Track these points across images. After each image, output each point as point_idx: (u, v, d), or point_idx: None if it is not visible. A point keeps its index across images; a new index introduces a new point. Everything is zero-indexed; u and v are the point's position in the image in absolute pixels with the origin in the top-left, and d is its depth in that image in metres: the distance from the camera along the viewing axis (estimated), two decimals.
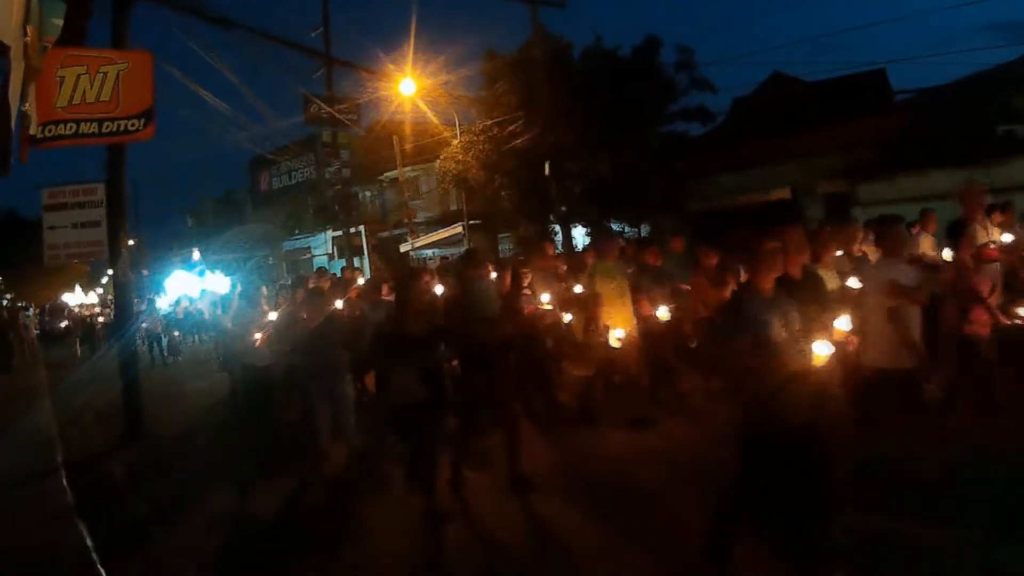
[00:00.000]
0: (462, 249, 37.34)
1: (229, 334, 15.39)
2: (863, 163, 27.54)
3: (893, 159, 26.33)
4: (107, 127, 12.31)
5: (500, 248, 39.81)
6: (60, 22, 7.18)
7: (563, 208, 32.61)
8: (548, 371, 13.53)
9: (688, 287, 13.33)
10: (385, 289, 15.52)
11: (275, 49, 25.51)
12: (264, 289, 16.42)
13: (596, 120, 30.53)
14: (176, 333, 32.97)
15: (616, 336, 11.58)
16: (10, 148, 7.43)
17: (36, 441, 15.80)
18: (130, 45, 14.64)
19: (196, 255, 51.72)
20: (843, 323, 7.69)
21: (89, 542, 9.06)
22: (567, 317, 12.82)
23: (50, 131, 11.68)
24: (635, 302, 12.27)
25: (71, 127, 11.97)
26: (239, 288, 23.86)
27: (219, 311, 32.59)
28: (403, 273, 15.86)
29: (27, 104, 8.46)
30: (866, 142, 28.27)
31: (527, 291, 13.33)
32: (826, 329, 7.16)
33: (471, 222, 38.70)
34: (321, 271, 20.44)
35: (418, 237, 42.89)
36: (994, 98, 29.06)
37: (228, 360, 16.50)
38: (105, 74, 12.13)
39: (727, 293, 12.59)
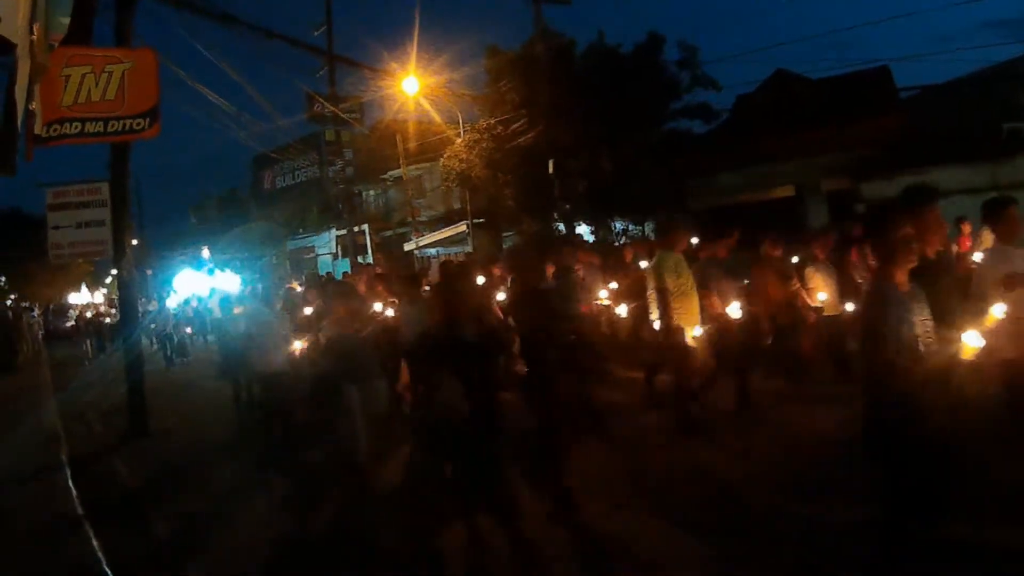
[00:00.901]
0: (466, 248, 37.44)
1: (237, 338, 14.10)
2: (866, 161, 27.49)
3: (897, 157, 26.27)
4: (113, 126, 12.33)
5: (505, 247, 39.77)
6: (67, 20, 7.14)
7: (567, 206, 32.63)
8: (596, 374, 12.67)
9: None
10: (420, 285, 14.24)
11: (278, 47, 25.49)
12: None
13: (599, 118, 30.55)
14: (188, 330, 32.04)
15: (693, 335, 10.71)
16: (16, 147, 7.42)
17: (40, 439, 15.82)
18: (134, 43, 14.65)
19: (206, 253, 51.75)
20: (998, 311, 6.63)
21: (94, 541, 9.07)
22: (622, 314, 12.40)
23: (55, 130, 11.71)
24: (702, 299, 11.17)
25: (76, 126, 11.99)
26: (248, 288, 23.76)
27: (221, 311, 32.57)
28: (457, 265, 14.24)
29: (33, 103, 8.43)
30: (870, 140, 28.24)
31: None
32: (976, 318, 6.37)
33: (475, 220, 38.67)
34: (357, 267, 19.40)
35: (422, 236, 42.86)
36: (998, 95, 29.02)
37: (230, 366, 15.74)
38: (110, 73, 12.14)
39: (794, 287, 12.68)
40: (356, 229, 39.90)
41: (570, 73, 31.77)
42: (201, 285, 36.86)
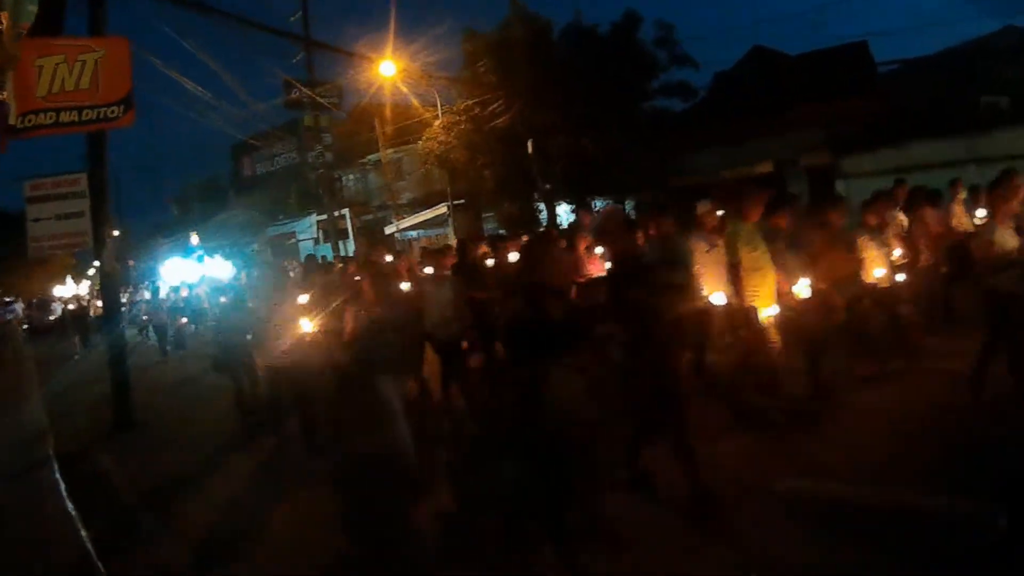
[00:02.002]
0: (447, 230, 37.47)
1: (233, 328, 13.35)
2: (846, 136, 27.60)
3: (876, 132, 26.39)
4: (87, 115, 12.28)
5: (485, 228, 39.80)
6: (35, 8, 7.10)
7: (547, 186, 32.65)
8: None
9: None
10: (447, 261, 13.12)
11: (255, 34, 25.37)
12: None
13: (578, 98, 30.57)
14: (183, 320, 30.10)
15: (768, 315, 9.72)
16: None
17: (23, 435, 15.71)
18: (107, 32, 14.58)
19: (195, 239, 51.48)
20: None
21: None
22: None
23: (30, 121, 11.65)
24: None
25: (51, 116, 11.93)
26: (244, 275, 23.54)
27: (212, 300, 31.91)
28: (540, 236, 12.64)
29: (4, 94, 8.38)
30: (848, 115, 28.36)
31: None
32: None
33: (455, 202, 38.68)
34: (375, 246, 17.73)
35: (403, 219, 42.85)
36: (975, 69, 29.15)
37: (227, 358, 14.04)
38: (83, 62, 12.09)
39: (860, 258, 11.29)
40: (337, 214, 39.84)
41: (547, 54, 31.81)
42: (190, 273, 36.53)
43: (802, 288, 10.04)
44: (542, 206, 34.76)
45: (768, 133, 29.46)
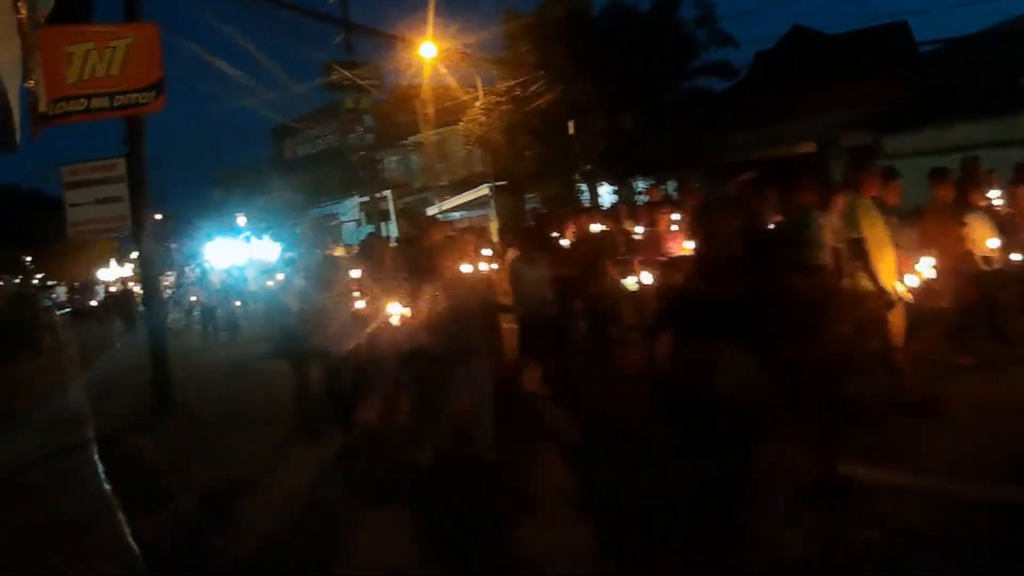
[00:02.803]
0: (488, 211, 37.39)
1: (290, 311, 11.95)
2: (888, 116, 27.26)
3: (917, 111, 26.06)
4: (118, 100, 12.30)
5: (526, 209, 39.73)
6: None
7: (587, 166, 32.53)
8: None
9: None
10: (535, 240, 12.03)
11: (294, 17, 25.37)
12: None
13: (618, 78, 30.39)
14: (237, 303, 29.20)
15: (899, 291, 8.93)
16: (13, 125, 7.40)
17: (64, 418, 15.82)
18: (144, 17, 14.62)
19: (242, 220, 51.64)
20: None
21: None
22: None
23: (61, 107, 11.69)
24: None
25: (83, 102, 11.96)
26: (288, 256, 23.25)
27: (260, 282, 31.46)
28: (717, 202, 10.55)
29: (31, 81, 8.41)
30: (889, 95, 28.03)
31: None
32: None
33: (496, 183, 38.59)
34: (440, 224, 15.71)
35: (444, 200, 42.80)
36: (1016, 49, 28.67)
37: (292, 346, 12.21)
38: (114, 48, 12.11)
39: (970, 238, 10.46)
40: (378, 195, 39.86)
41: (587, 34, 31.64)
42: (237, 254, 36.54)
43: (926, 267, 9.44)
44: (583, 186, 34.65)
45: (809, 113, 29.19)
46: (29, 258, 59.29)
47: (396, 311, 9.99)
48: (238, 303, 29.25)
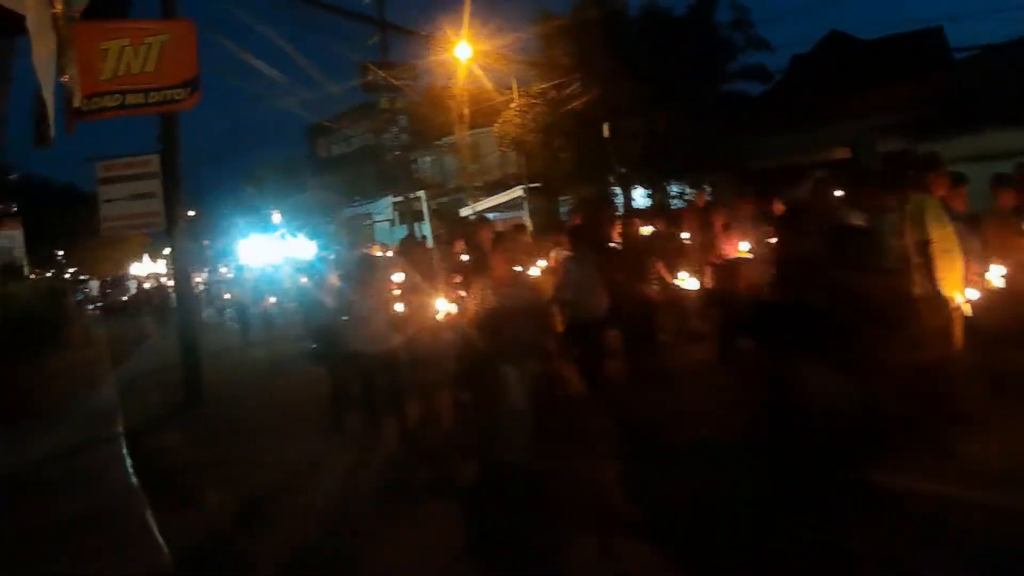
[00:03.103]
0: (522, 213, 37.37)
1: (339, 312, 11.51)
2: (922, 122, 27.03)
3: (953, 118, 25.80)
4: (153, 97, 12.30)
5: (560, 211, 39.69)
6: None
7: (622, 169, 32.47)
8: None
9: None
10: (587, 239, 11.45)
11: (330, 17, 25.44)
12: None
13: (653, 80, 30.30)
14: (271, 300, 27.97)
15: (962, 302, 8.52)
16: (48, 120, 7.41)
17: (90, 414, 15.85)
18: (181, 14, 14.71)
19: (277, 217, 51.73)
20: None
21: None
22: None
23: (95, 103, 11.69)
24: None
25: (117, 98, 11.96)
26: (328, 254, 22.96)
27: (304, 279, 31.21)
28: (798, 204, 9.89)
29: (66, 76, 8.42)
30: (925, 101, 27.80)
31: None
32: None
33: (530, 185, 38.56)
34: (487, 221, 14.35)
35: (478, 201, 42.82)
36: None
37: (330, 345, 12.21)
38: (149, 45, 12.10)
39: None
40: (412, 195, 39.94)
41: (622, 36, 31.58)
42: (272, 251, 36.50)
43: (995, 276, 8.97)
44: (617, 190, 34.59)
45: (844, 118, 28.98)
46: (61, 253, 59.71)
47: (444, 308, 9.79)
48: (272, 300, 28.26)
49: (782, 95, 34.24)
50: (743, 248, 11.56)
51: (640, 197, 35.90)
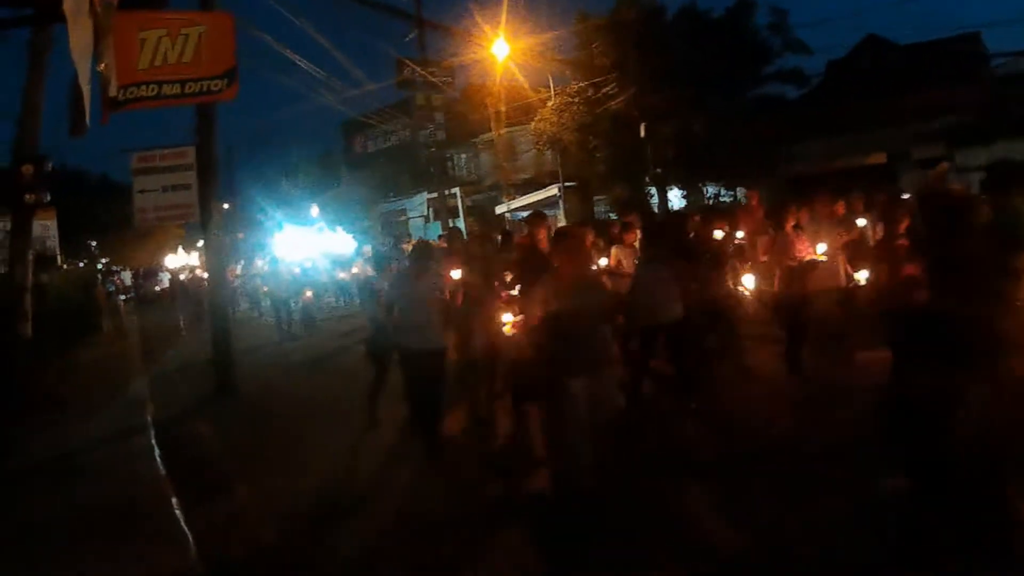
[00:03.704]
0: (557, 212, 37.31)
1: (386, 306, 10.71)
2: (959, 128, 26.77)
3: (990, 124, 25.54)
4: (190, 88, 12.28)
5: (595, 211, 39.57)
6: None
7: (658, 171, 32.36)
8: None
9: None
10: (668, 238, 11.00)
11: (368, 13, 25.42)
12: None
13: (690, 82, 30.18)
14: (309, 294, 26.47)
15: None
16: (83, 109, 7.36)
17: (124, 403, 15.85)
18: (218, 7, 14.69)
19: (315, 211, 51.79)
20: None
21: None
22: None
23: (132, 93, 11.68)
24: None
25: (153, 88, 11.95)
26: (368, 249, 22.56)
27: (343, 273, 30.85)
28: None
29: (102, 65, 8.38)
30: (962, 107, 27.54)
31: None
32: None
33: (566, 184, 38.49)
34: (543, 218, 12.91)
35: (513, 199, 42.79)
36: None
37: (379, 345, 11.58)
38: (187, 36, 12.09)
39: None
40: (447, 192, 39.96)
41: (660, 37, 31.45)
42: (310, 245, 36.37)
43: None
44: (653, 190, 34.48)
45: (881, 123, 28.77)
46: (94, 243, 60.01)
47: (508, 319, 8.79)
48: (310, 294, 26.82)
49: (818, 99, 34.09)
50: (820, 250, 11.25)
51: (675, 198, 35.76)
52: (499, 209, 43.58)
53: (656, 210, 32.46)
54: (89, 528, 8.51)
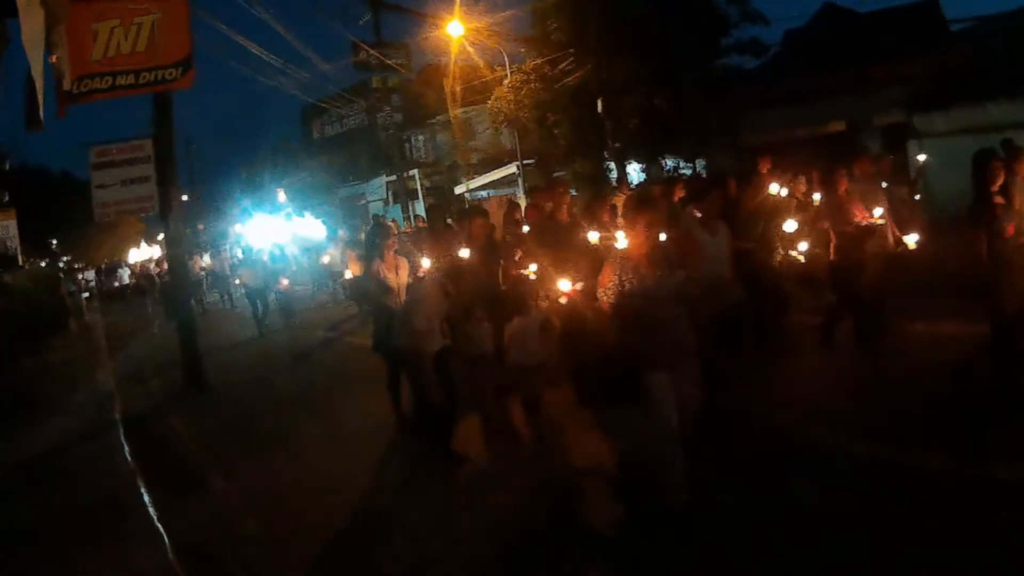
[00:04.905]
0: (517, 189, 37.30)
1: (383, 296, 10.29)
2: (919, 95, 26.87)
3: (950, 90, 25.65)
4: (144, 78, 12.18)
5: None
6: None
7: (617, 145, 32.33)
8: None
9: None
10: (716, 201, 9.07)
11: None
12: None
13: (648, 55, 30.14)
14: (285, 282, 24.75)
15: None
16: (38, 102, 7.24)
17: (92, 401, 15.74)
18: None
19: (282, 196, 51.51)
20: None
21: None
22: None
23: (86, 85, 11.57)
24: None
25: (107, 80, 11.84)
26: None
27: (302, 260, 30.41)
28: None
29: (55, 56, 8.24)
30: (922, 73, 27.65)
31: None
32: None
33: (525, 162, 38.44)
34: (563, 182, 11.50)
35: (472, 178, 42.75)
36: None
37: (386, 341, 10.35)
38: (140, 25, 11.97)
39: None
40: (406, 174, 39.86)
41: (617, 11, 31.38)
42: (278, 232, 36.15)
43: None
44: (612, 164, 34.47)
45: (840, 92, 28.85)
46: (55, 241, 59.62)
47: (566, 288, 8.11)
48: (287, 283, 25.06)
49: (777, 69, 34.09)
50: (877, 214, 10.41)
51: (634, 172, 35.77)
52: (458, 189, 43.57)
53: (615, 184, 32.45)
54: (63, 530, 8.46)
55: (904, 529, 5.79)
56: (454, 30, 31.68)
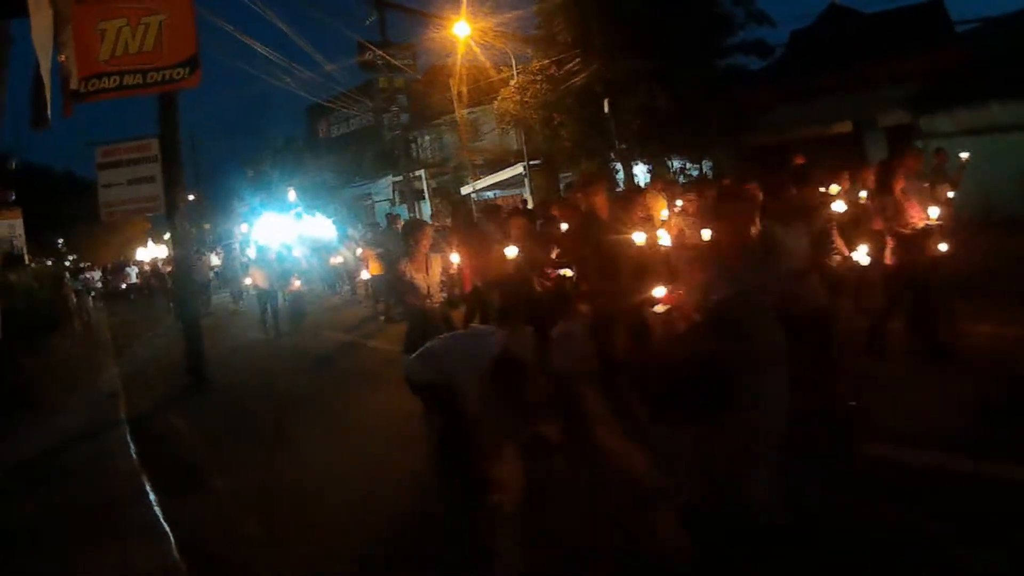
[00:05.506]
0: (523, 190, 37.30)
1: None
2: (924, 96, 26.82)
3: (956, 91, 25.58)
4: (152, 77, 12.18)
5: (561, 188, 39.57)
6: None
7: (623, 145, 32.32)
8: None
9: None
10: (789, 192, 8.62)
11: None
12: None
13: (654, 55, 30.12)
14: (296, 283, 24.00)
15: None
16: (45, 101, 7.24)
17: (97, 400, 15.71)
18: None
19: (292, 195, 51.47)
20: None
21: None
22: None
23: (93, 85, 11.57)
24: None
25: (115, 80, 11.84)
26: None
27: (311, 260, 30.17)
28: None
29: (63, 55, 8.25)
30: (927, 74, 27.57)
31: None
32: None
33: (531, 162, 38.44)
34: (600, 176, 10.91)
35: (479, 179, 42.76)
36: None
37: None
38: (147, 24, 11.97)
39: None
40: (412, 175, 39.87)
41: (623, 11, 31.35)
42: (287, 231, 35.98)
43: None
44: (618, 165, 34.45)
45: (845, 92, 28.80)
46: (61, 240, 59.63)
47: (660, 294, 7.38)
48: (298, 283, 24.38)
49: (783, 70, 34.05)
50: (934, 214, 9.79)
51: (640, 173, 35.75)
52: (464, 190, 43.56)
53: (622, 185, 32.41)
54: (65, 529, 8.43)
55: None
56: (460, 30, 31.72)
